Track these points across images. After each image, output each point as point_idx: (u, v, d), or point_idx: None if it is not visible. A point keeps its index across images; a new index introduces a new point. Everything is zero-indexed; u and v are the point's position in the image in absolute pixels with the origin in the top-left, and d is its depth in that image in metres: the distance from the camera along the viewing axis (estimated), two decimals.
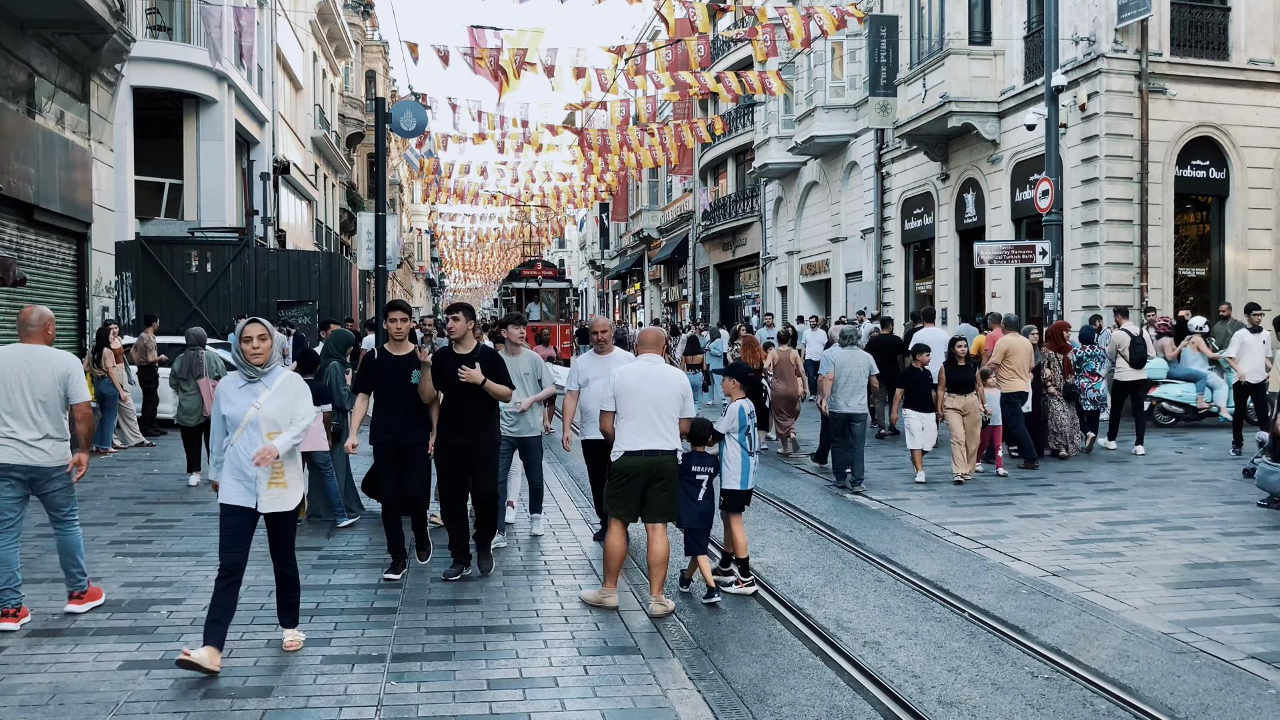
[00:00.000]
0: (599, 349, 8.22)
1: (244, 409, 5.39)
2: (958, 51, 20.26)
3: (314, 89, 37.25)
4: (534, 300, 31.84)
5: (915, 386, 11.71)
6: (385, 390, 7.20)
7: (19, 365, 6.01)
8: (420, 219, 73.54)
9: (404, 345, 7.28)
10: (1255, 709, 5.08)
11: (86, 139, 14.16)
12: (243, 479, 5.40)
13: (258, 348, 5.39)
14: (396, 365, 7.19)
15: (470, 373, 6.91)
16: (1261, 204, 18.14)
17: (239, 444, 5.39)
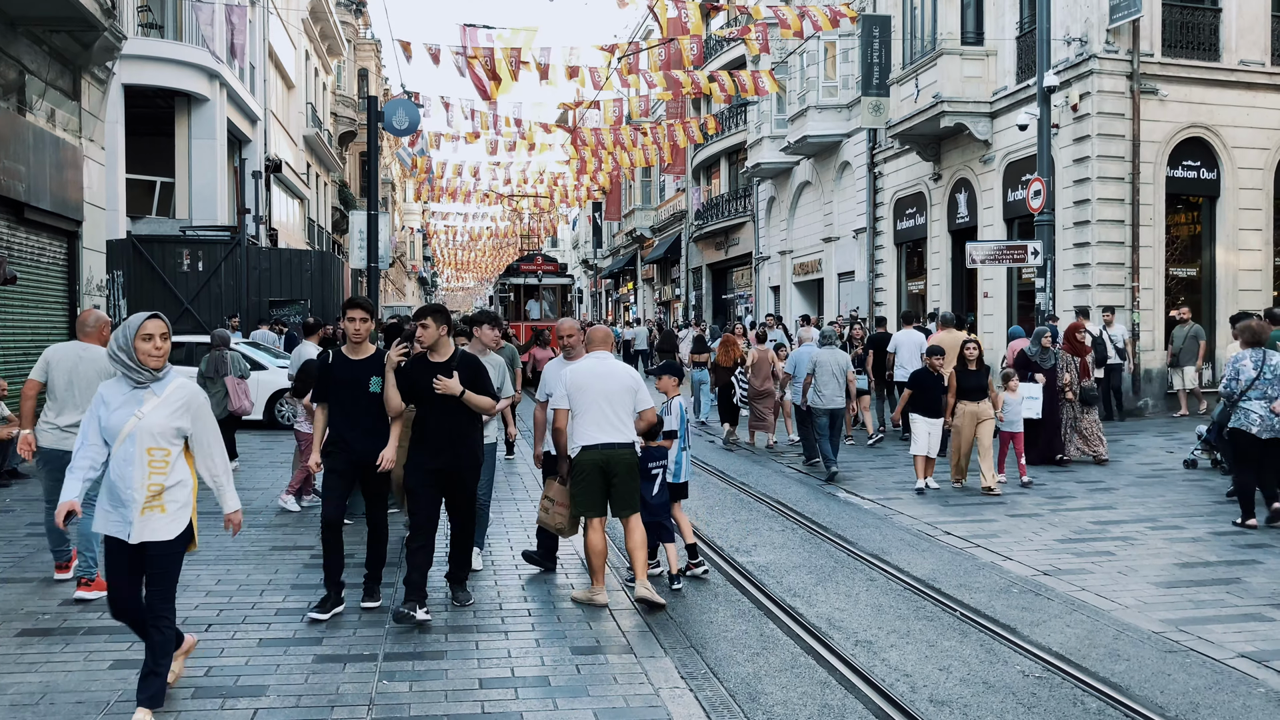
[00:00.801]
0: (569, 354, 7.38)
1: (125, 419, 4.54)
2: (950, 52, 20.29)
3: (306, 87, 37.18)
4: (533, 297, 29.84)
5: (925, 390, 11.13)
6: (340, 400, 6.39)
7: (73, 359, 6.87)
8: (413, 218, 73.50)
9: (363, 348, 6.48)
10: (1245, 708, 5.10)
11: (77, 137, 14.11)
12: (118, 504, 4.55)
13: (160, 347, 4.61)
14: (352, 371, 6.40)
15: (447, 383, 6.15)
16: (1252, 204, 18.20)
17: (114, 462, 4.54)
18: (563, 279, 30.93)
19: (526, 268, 30.30)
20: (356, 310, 6.46)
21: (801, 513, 10.03)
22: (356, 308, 6.47)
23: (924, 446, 11.03)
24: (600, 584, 6.67)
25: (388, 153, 53.76)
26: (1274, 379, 8.91)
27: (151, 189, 25.03)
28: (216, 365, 11.72)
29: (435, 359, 6.32)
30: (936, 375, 11.11)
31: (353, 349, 6.51)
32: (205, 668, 5.30)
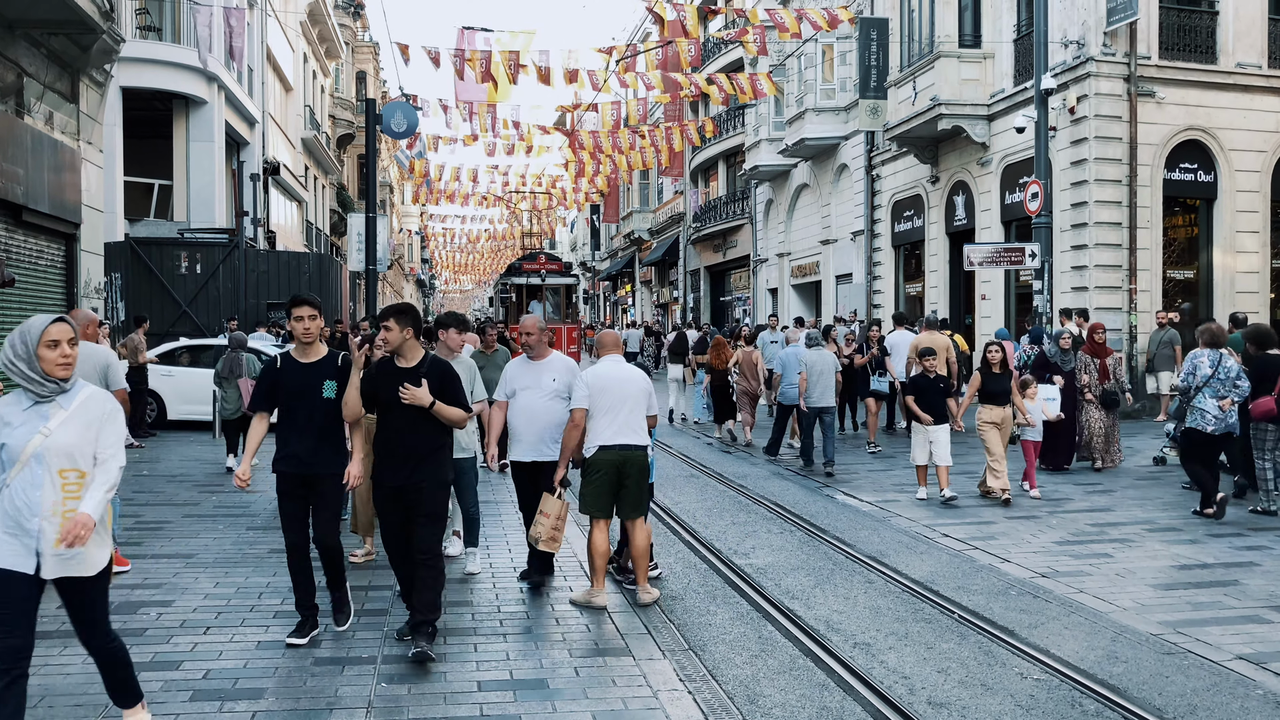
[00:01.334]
0: (530, 353, 7.07)
1: (27, 437, 3.97)
2: (948, 54, 20.32)
3: (304, 90, 37.18)
4: (536, 298, 28.03)
5: (922, 394, 10.57)
6: (289, 407, 5.77)
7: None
8: (411, 220, 73.48)
9: (313, 350, 5.83)
10: (1243, 709, 5.10)
11: (75, 139, 14.11)
12: (19, 533, 3.95)
13: (68, 355, 4.05)
14: (303, 376, 5.76)
15: (414, 392, 5.50)
16: (1249, 207, 18.23)
17: (16, 485, 3.95)
18: (567, 278, 29.05)
19: (529, 267, 28.43)
20: (303, 307, 5.75)
21: (800, 515, 10.03)
22: (303, 304, 5.75)
23: (922, 455, 10.56)
24: (600, 585, 6.68)
25: (386, 155, 53.76)
26: (1226, 379, 9.53)
27: (149, 191, 25.01)
28: (231, 366, 12.17)
29: (403, 364, 5.68)
30: (934, 378, 10.60)
31: (301, 351, 5.85)
32: (204, 670, 5.30)
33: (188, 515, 9.46)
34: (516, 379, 7.06)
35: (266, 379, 5.86)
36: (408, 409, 5.57)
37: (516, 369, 7.13)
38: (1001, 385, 10.60)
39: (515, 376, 7.07)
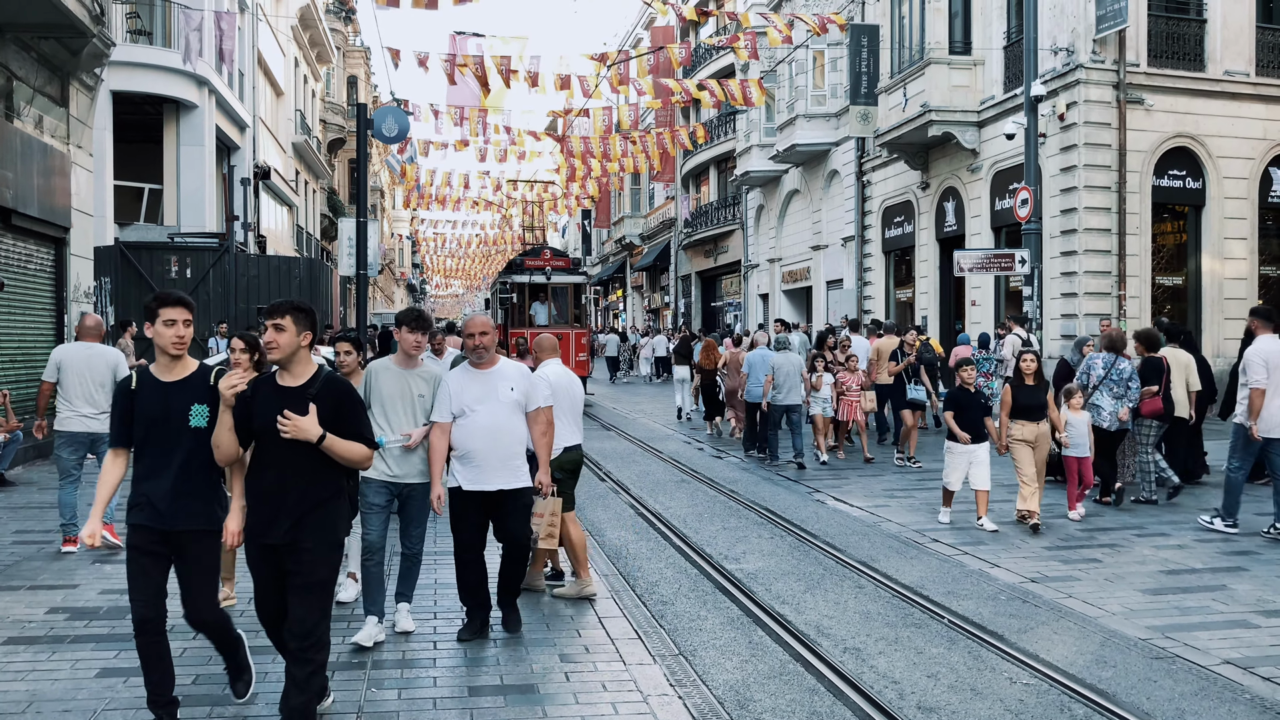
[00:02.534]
0: (477, 359, 5.92)
1: None
2: (938, 61, 20.39)
3: (295, 94, 37.14)
4: (539, 299, 24.49)
5: (964, 411, 9.52)
6: (144, 438, 4.49)
7: (82, 358, 8.13)
8: (402, 225, 73.43)
9: (179, 366, 4.50)
10: (1230, 714, 5.13)
11: (65, 143, 14.08)
12: None
13: None
14: (164, 399, 4.43)
15: (297, 422, 4.17)
16: (1237, 214, 18.33)
17: None
18: (575, 276, 25.27)
19: (532, 263, 24.74)
20: (173, 308, 4.42)
21: (790, 520, 10.04)
22: (173, 305, 4.43)
23: (957, 477, 9.53)
24: (587, 574, 6.96)
25: (377, 160, 53.75)
26: (1118, 380, 10.41)
27: (139, 196, 24.95)
28: None
29: (287, 382, 4.35)
30: (976, 392, 9.65)
31: (164, 366, 4.50)
32: (193, 675, 5.29)
33: None
34: (465, 393, 5.87)
35: (121, 403, 4.53)
36: (290, 444, 4.23)
37: (462, 381, 5.92)
38: (1035, 398, 9.49)
39: (463, 390, 5.88)
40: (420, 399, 5.94)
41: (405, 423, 5.89)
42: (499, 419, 5.87)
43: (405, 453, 5.91)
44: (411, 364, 6.06)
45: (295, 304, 4.39)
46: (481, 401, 5.85)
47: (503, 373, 5.97)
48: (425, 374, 6.06)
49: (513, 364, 6.12)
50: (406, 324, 6.04)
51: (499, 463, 5.87)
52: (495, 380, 5.92)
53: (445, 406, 5.86)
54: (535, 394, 6.02)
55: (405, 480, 5.91)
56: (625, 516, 10.43)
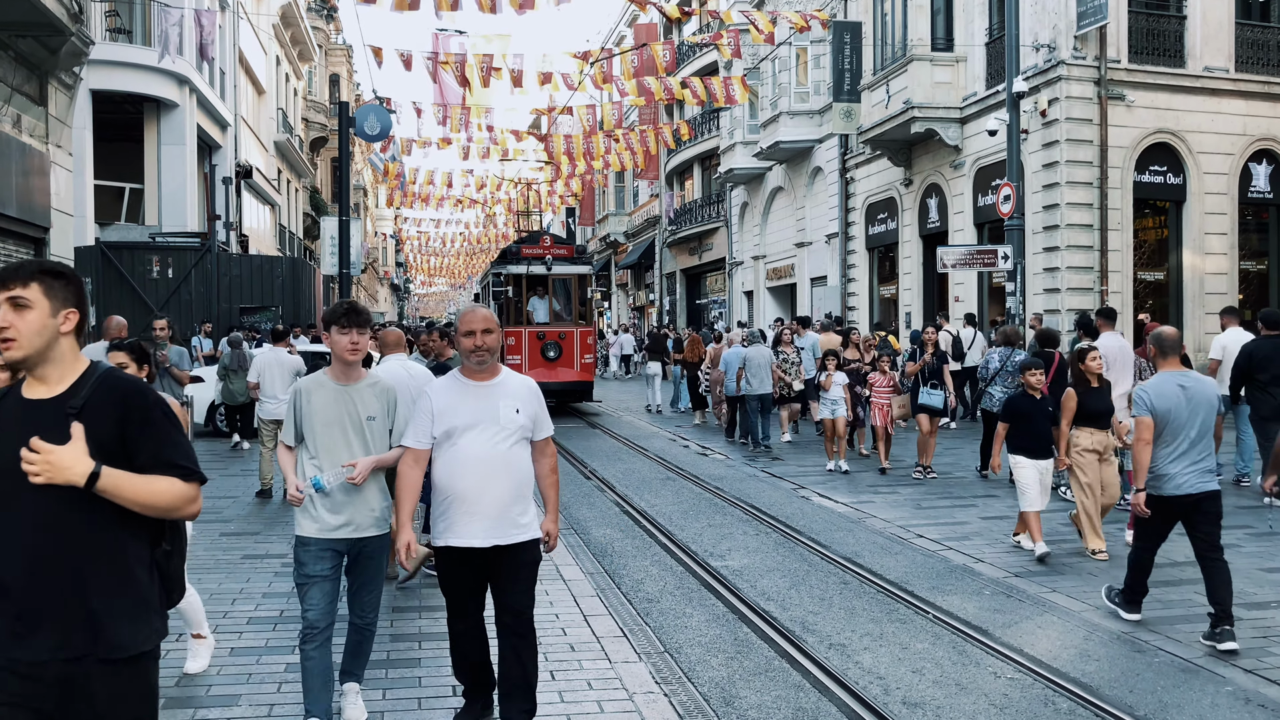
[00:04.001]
0: (477, 365, 4.43)
1: None
2: (920, 58, 20.45)
3: (277, 93, 36.97)
4: (538, 292, 21.08)
5: (1028, 421, 8.31)
6: None
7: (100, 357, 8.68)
8: (385, 224, 73.19)
9: None
10: (1213, 705, 5.16)
11: (44, 143, 13.96)
12: None
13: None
14: None
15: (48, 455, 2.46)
16: (1217, 209, 18.44)
17: None
18: (579, 266, 21.76)
19: (530, 251, 21.24)
20: None
21: (775, 516, 10.06)
22: None
23: (1036, 494, 8.16)
24: None
25: (360, 158, 53.57)
26: (1014, 370, 11.00)
27: (120, 195, 24.80)
28: (240, 361, 14.03)
29: (36, 393, 2.66)
30: (1042, 398, 8.43)
31: None
32: (175, 678, 5.25)
33: None
34: (454, 412, 4.38)
35: None
36: (43, 494, 2.50)
37: (449, 394, 4.44)
38: (1103, 402, 8.29)
39: (451, 407, 4.39)
40: (370, 423, 4.58)
41: (349, 457, 4.53)
42: (499, 450, 4.33)
43: (350, 492, 4.52)
44: (352, 375, 4.64)
45: (46, 266, 2.69)
46: (476, 425, 4.34)
47: (507, 388, 4.45)
48: (376, 389, 4.67)
49: (519, 377, 4.60)
50: (336, 322, 4.54)
51: (496, 510, 4.32)
52: (496, 397, 4.40)
53: (424, 428, 4.41)
54: (544, 417, 4.57)
55: (353, 534, 4.54)
56: (610, 514, 10.42)
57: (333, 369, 4.68)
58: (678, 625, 6.58)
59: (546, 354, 19.57)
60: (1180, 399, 6.22)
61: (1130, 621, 6.45)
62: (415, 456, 4.45)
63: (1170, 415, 6.20)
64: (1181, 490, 6.15)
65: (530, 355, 19.79)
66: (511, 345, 19.85)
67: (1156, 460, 6.22)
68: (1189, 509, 6.19)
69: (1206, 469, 6.18)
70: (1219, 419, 6.50)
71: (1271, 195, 18.98)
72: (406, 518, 4.44)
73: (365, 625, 4.77)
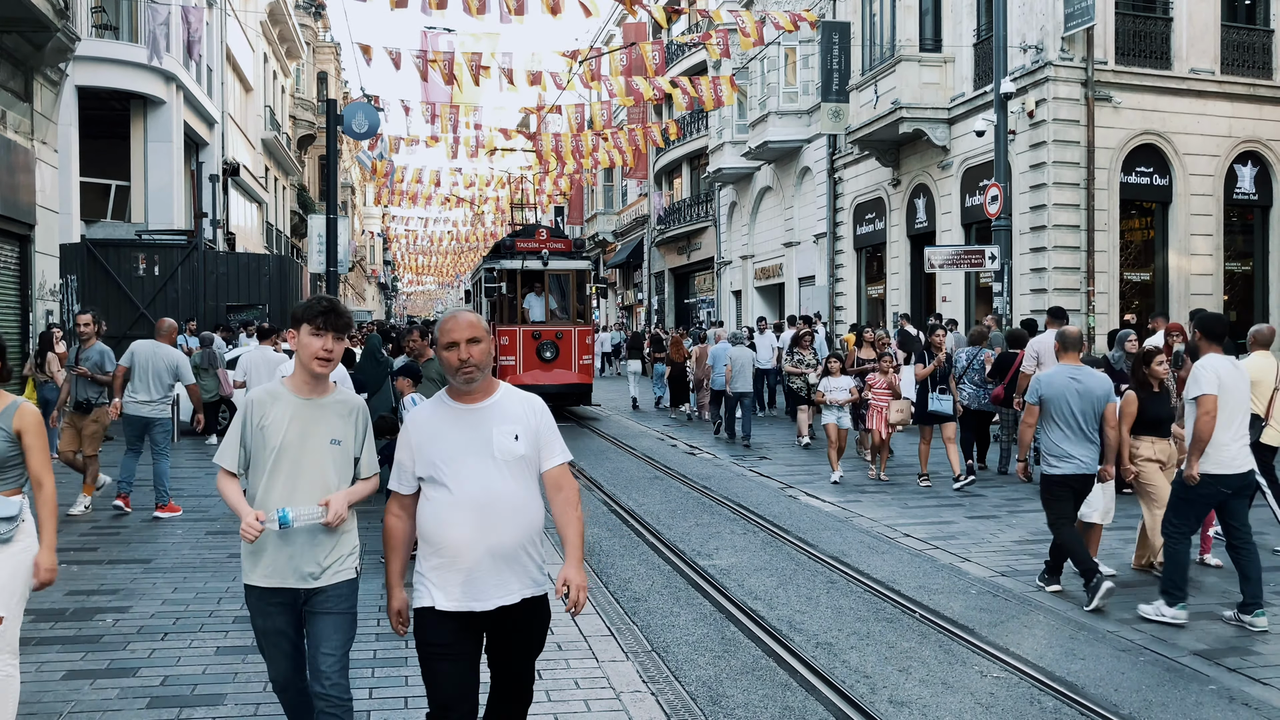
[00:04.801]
0: (464, 384, 3.54)
1: None
2: (909, 58, 20.49)
3: (264, 90, 36.83)
4: (534, 289, 19.81)
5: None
6: None
7: (149, 353, 9.47)
8: (373, 222, 73.03)
9: None
10: (1197, 704, 5.19)
11: (30, 139, 13.89)
12: None
13: None
14: None
15: None
16: (1203, 210, 18.53)
17: None
18: (577, 262, 20.49)
19: (524, 245, 19.96)
20: None
21: (763, 516, 10.07)
22: None
23: (1101, 506, 7.58)
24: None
25: (347, 156, 53.43)
26: (980, 367, 12.10)
27: (106, 192, 24.66)
28: (211, 359, 14.59)
29: None
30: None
31: None
32: (161, 677, 5.23)
33: (145, 519, 9.33)
34: (435, 444, 3.53)
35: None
36: None
37: (431, 423, 3.59)
38: (1164, 409, 7.76)
39: (432, 439, 3.54)
40: (335, 447, 3.79)
41: (311, 488, 3.71)
42: (495, 488, 3.48)
43: (316, 535, 3.73)
44: (319, 389, 3.82)
45: None
46: (465, 459, 3.48)
47: (502, 409, 3.57)
48: (343, 406, 3.88)
49: (519, 395, 3.68)
50: (309, 321, 3.72)
51: (497, 562, 3.48)
52: (490, 422, 3.53)
53: (405, 468, 3.58)
54: (552, 440, 3.64)
55: (306, 582, 3.74)
56: (598, 514, 10.42)
57: (294, 378, 3.82)
58: (665, 624, 6.58)
59: (543, 354, 18.83)
60: (1070, 389, 6.99)
61: (1052, 592, 7.17)
62: (400, 503, 3.65)
63: (1057, 403, 7.00)
64: (1073, 470, 6.97)
65: (525, 356, 18.93)
66: (505, 345, 18.90)
67: (1056, 441, 7.01)
68: (1086, 484, 7.09)
69: (1094, 456, 7.02)
70: (1110, 407, 7.08)
71: (1256, 196, 19.08)
72: (397, 579, 3.69)
73: (330, 697, 3.79)
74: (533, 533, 3.60)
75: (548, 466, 3.64)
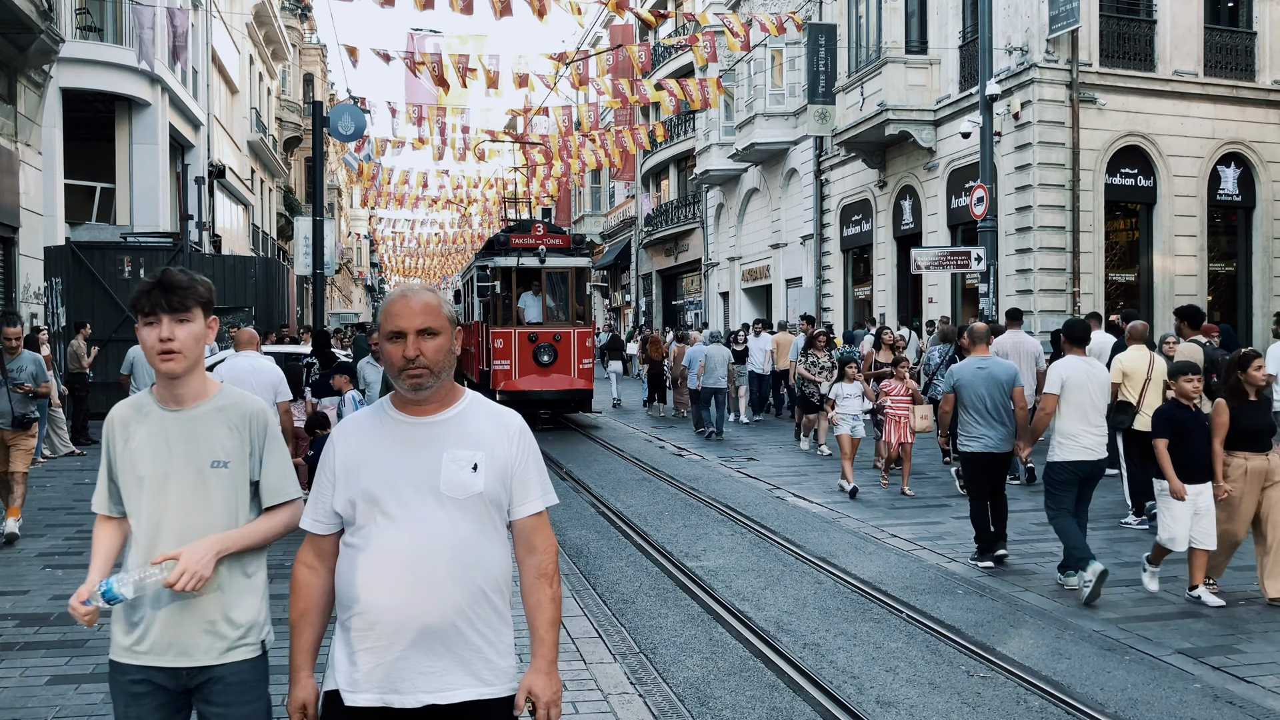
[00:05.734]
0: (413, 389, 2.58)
1: None
2: (895, 60, 20.55)
3: (250, 92, 36.71)
4: (531, 287, 18.46)
5: (1184, 436, 6.90)
6: None
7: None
8: (359, 224, 72.89)
9: None
10: (1182, 703, 5.22)
11: (13, 141, 13.82)
12: None
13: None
14: None
15: None
16: (1187, 211, 18.63)
17: None
18: (577, 258, 18.94)
19: (520, 241, 18.42)
20: None
21: (751, 517, 10.08)
22: None
23: (1183, 529, 6.81)
24: None
25: (334, 158, 53.28)
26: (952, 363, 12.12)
27: (91, 195, 24.54)
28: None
29: None
30: (1196, 410, 7.05)
31: None
32: None
33: None
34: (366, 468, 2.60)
35: None
36: None
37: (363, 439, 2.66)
38: (1262, 420, 6.99)
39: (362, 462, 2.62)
40: (218, 471, 2.82)
41: (185, 530, 2.77)
42: (436, 534, 2.54)
43: (184, 597, 2.73)
44: (189, 394, 2.85)
45: None
46: (401, 490, 2.55)
47: (462, 428, 2.63)
48: (229, 414, 2.87)
49: (488, 408, 2.72)
50: (135, 309, 2.81)
51: (431, 642, 2.54)
52: (442, 443, 2.60)
53: (322, 500, 2.65)
54: (529, 477, 2.72)
55: (183, 661, 2.79)
56: (586, 515, 10.42)
57: (159, 386, 2.89)
58: (653, 626, 6.58)
59: (539, 358, 17.59)
60: (979, 378, 7.95)
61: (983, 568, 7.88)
62: (316, 548, 2.66)
63: (968, 390, 7.96)
64: (987, 448, 7.91)
65: (521, 359, 17.71)
66: (499, 349, 17.71)
67: (970, 423, 7.96)
68: (998, 463, 7.99)
69: (1005, 436, 7.88)
70: (1018, 391, 7.91)
71: (1239, 198, 19.19)
72: (304, 658, 2.72)
73: None
74: (488, 604, 2.62)
75: (520, 514, 2.70)
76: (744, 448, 15.17)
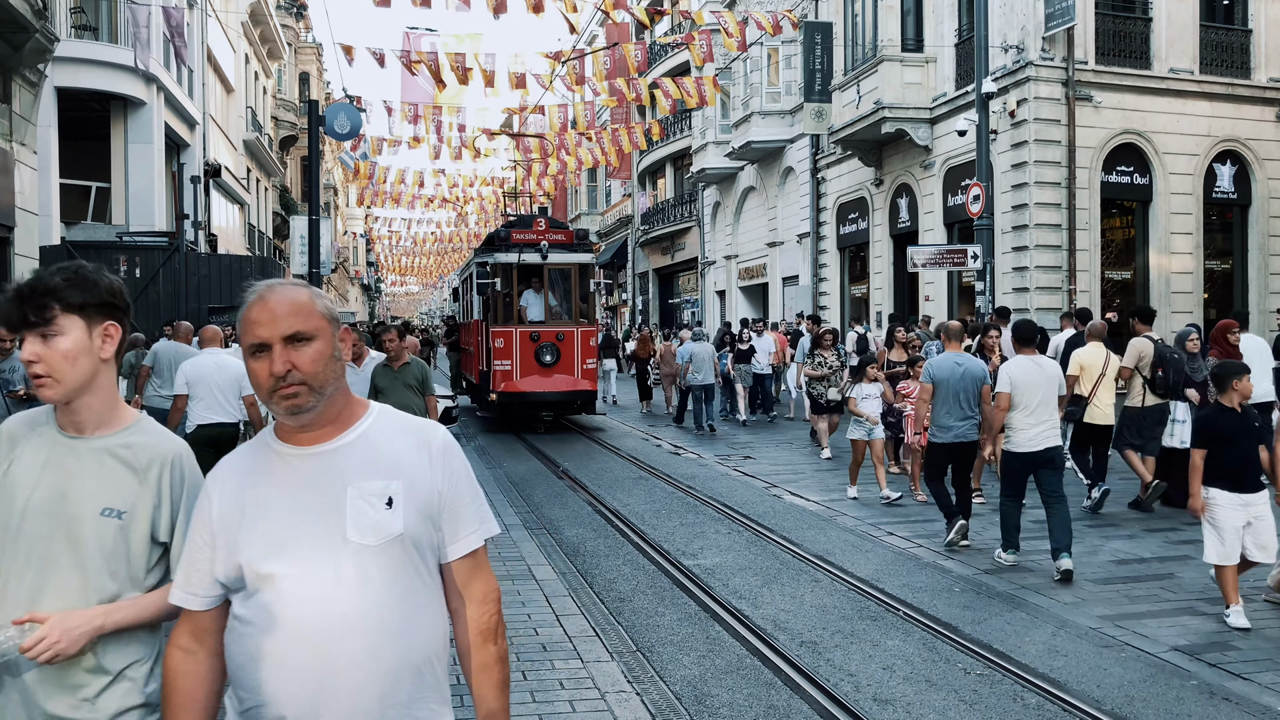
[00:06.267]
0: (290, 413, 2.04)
1: None
2: (891, 58, 20.55)
3: (246, 91, 36.66)
4: (532, 284, 18.06)
5: (1230, 442, 6.40)
6: None
7: (171, 353, 10.05)
8: (356, 223, 72.84)
9: None
10: (1178, 699, 5.22)
11: (8, 141, 13.79)
12: None
13: None
14: None
15: None
16: (1182, 209, 18.64)
17: None
18: (580, 254, 18.40)
19: (521, 236, 17.88)
20: None
21: (747, 515, 10.08)
22: None
23: (1235, 544, 6.31)
24: None
25: (330, 157, 53.22)
26: None
27: (87, 194, 24.50)
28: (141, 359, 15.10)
29: None
30: (1243, 412, 6.52)
31: None
32: None
33: None
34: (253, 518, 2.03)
35: None
36: None
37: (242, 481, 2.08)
38: None
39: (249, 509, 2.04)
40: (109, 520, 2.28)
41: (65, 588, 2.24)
42: (346, 599, 2.00)
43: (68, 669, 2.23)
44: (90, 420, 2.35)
45: None
46: (296, 545, 2.01)
47: (368, 452, 2.09)
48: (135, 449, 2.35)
49: (401, 421, 2.18)
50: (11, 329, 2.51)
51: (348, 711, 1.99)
52: (344, 475, 2.06)
53: (199, 565, 2.10)
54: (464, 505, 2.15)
55: None
56: (583, 514, 10.42)
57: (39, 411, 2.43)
58: (650, 624, 6.58)
59: (542, 358, 17.10)
60: (954, 372, 8.45)
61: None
62: (193, 628, 2.12)
63: (944, 383, 8.45)
64: (953, 439, 8.45)
65: (523, 359, 17.28)
66: (500, 348, 17.27)
67: (941, 415, 8.48)
68: (964, 450, 8.51)
69: (974, 424, 8.41)
70: (985, 388, 8.41)
71: (1235, 195, 19.21)
72: None
73: None
74: (421, 682, 2.12)
75: (454, 554, 2.14)
76: (741, 446, 15.17)
